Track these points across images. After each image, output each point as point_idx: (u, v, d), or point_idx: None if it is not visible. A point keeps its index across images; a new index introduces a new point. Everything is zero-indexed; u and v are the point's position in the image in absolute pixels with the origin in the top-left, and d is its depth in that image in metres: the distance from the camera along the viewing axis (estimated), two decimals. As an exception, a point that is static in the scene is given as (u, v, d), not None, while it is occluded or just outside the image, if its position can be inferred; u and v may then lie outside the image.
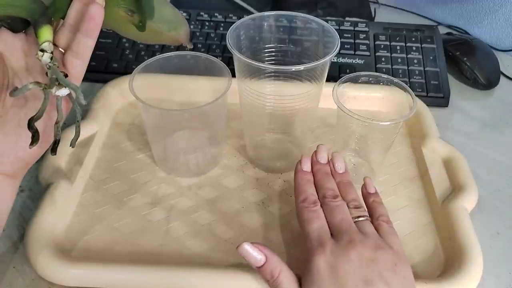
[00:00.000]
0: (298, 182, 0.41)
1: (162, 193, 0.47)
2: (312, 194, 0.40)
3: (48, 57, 0.33)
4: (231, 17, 0.70)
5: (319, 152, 0.43)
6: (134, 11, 0.37)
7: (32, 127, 0.33)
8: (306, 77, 0.44)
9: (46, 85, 0.33)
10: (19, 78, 0.35)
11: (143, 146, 0.52)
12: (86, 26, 0.35)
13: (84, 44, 0.35)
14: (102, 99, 0.55)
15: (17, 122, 0.34)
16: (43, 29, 0.34)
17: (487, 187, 0.50)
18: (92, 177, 0.49)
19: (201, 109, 0.43)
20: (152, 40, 0.42)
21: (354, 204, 0.39)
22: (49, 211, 0.42)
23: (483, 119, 0.60)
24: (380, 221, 0.38)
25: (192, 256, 0.42)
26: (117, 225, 0.44)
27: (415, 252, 0.43)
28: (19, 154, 0.35)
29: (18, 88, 0.33)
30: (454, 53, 0.66)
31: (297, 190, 0.41)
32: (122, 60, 0.63)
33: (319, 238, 0.36)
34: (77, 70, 0.36)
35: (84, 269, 0.38)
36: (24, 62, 0.36)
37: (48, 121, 0.35)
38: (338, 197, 0.39)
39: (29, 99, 0.35)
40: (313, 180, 0.42)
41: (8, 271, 0.40)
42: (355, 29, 0.69)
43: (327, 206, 0.38)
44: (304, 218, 0.38)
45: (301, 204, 0.39)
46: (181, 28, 0.41)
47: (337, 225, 0.37)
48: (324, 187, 0.40)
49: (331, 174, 0.42)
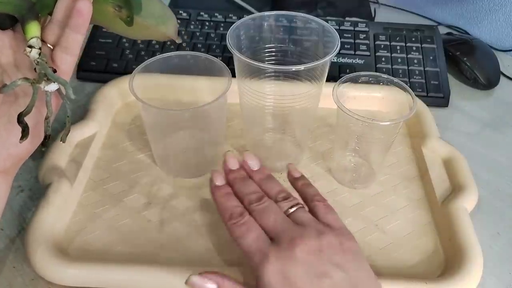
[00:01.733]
0: (217, 200, 0.38)
1: (161, 193, 0.47)
2: (235, 207, 0.37)
3: (36, 53, 0.33)
4: (231, 17, 0.70)
5: (227, 160, 0.41)
6: (121, 6, 0.37)
7: (21, 121, 0.33)
8: (306, 77, 0.44)
9: (35, 80, 0.33)
10: (8, 75, 0.35)
11: (143, 146, 0.52)
12: (75, 22, 0.35)
13: (73, 39, 0.35)
14: (102, 99, 0.55)
15: (7, 119, 0.34)
16: (30, 25, 0.34)
17: (487, 187, 0.50)
18: (91, 177, 0.49)
19: (201, 109, 0.43)
20: (140, 35, 0.41)
21: (282, 196, 0.38)
22: (49, 211, 0.42)
23: (483, 119, 0.60)
24: (315, 202, 0.37)
25: (192, 256, 0.42)
26: (117, 225, 0.44)
27: (415, 252, 0.43)
28: (11, 150, 0.34)
29: (7, 84, 0.33)
30: (454, 53, 0.66)
31: (219, 209, 0.38)
32: (122, 60, 0.63)
33: (259, 250, 0.34)
34: (66, 66, 0.36)
35: (84, 269, 0.38)
36: (13, 59, 0.36)
37: (39, 117, 0.35)
38: (263, 197, 0.37)
39: (19, 96, 0.35)
40: (231, 191, 0.39)
41: (7, 271, 0.40)
42: (355, 29, 0.69)
43: (255, 212, 0.36)
44: (237, 235, 0.35)
45: (229, 223, 0.36)
46: (170, 22, 0.41)
47: (272, 228, 0.35)
48: (245, 193, 0.38)
49: (248, 176, 0.40)
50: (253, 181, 0.40)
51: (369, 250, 0.43)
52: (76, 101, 0.57)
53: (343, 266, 0.33)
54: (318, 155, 0.52)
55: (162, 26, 0.41)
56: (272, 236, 0.35)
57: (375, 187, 0.49)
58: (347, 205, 0.47)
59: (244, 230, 0.35)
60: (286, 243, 0.33)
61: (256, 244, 0.34)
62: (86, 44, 0.64)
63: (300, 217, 0.36)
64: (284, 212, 0.36)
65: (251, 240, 0.34)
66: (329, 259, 0.33)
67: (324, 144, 0.54)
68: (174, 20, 0.42)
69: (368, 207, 0.47)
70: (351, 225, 0.45)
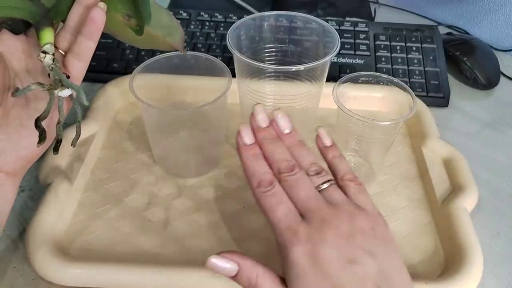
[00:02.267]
0: (244, 162, 0.35)
1: (162, 193, 0.47)
2: (265, 173, 0.34)
3: (50, 59, 0.34)
4: (231, 17, 0.70)
5: (256, 115, 0.36)
6: (131, 15, 0.38)
7: (39, 126, 0.34)
8: (306, 77, 0.44)
9: (51, 86, 0.34)
10: (19, 79, 0.36)
11: (143, 146, 0.52)
12: (88, 29, 0.35)
13: (85, 46, 0.36)
14: (102, 99, 0.55)
15: (19, 122, 0.35)
16: (45, 32, 0.35)
17: (487, 187, 0.50)
18: (92, 177, 0.49)
19: (201, 109, 0.43)
20: (148, 45, 0.42)
21: (314, 170, 0.35)
22: (49, 211, 0.42)
23: (483, 119, 0.60)
24: (346, 182, 0.35)
25: (192, 256, 0.42)
26: (117, 225, 0.44)
27: (415, 252, 0.43)
28: (21, 152, 0.35)
29: (20, 88, 0.33)
30: (454, 53, 0.66)
31: (247, 172, 0.34)
32: (122, 60, 0.63)
33: (289, 228, 0.32)
34: (78, 72, 0.37)
35: (84, 269, 0.38)
36: (25, 63, 0.36)
37: (50, 121, 0.36)
38: (294, 167, 0.34)
39: (31, 100, 0.35)
40: (260, 152, 0.35)
41: (8, 271, 0.40)
42: (355, 29, 0.69)
43: (285, 183, 0.34)
44: (266, 206, 0.33)
45: (257, 191, 0.33)
46: (176, 34, 0.42)
47: (303, 204, 0.33)
48: (276, 159, 0.34)
49: (278, 137, 0.36)
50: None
51: (369, 250, 0.43)
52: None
53: (374, 253, 0.31)
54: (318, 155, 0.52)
55: (169, 37, 0.41)
56: (302, 212, 0.33)
57: (375, 187, 0.49)
58: (347, 205, 0.47)
59: (273, 203, 0.33)
60: (317, 223, 0.31)
61: (286, 220, 0.32)
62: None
63: (333, 196, 0.34)
64: (315, 188, 0.34)
65: (281, 215, 0.32)
66: (361, 246, 0.31)
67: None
68: (181, 31, 0.42)
69: (368, 207, 0.47)
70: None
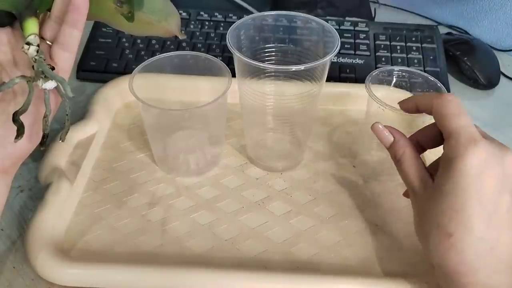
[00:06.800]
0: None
1: (162, 193, 0.47)
2: None
3: (34, 50, 0.33)
4: (231, 17, 0.70)
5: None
6: (123, 1, 0.36)
7: (16, 120, 0.32)
8: (306, 77, 0.44)
9: (32, 78, 0.33)
10: (6, 73, 0.35)
11: (143, 146, 0.52)
12: (71, 17, 0.34)
13: (70, 35, 0.35)
14: (102, 99, 0.55)
15: (5, 117, 0.33)
16: (28, 22, 0.34)
17: (487, 187, 0.50)
18: (92, 177, 0.49)
19: (201, 109, 0.43)
20: (143, 31, 0.41)
21: None
22: (49, 211, 0.42)
23: (483, 119, 0.60)
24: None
25: (192, 256, 0.42)
26: (117, 225, 0.44)
27: (415, 252, 0.43)
28: (9, 149, 0.34)
29: (5, 82, 0.32)
30: (454, 53, 0.66)
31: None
32: (122, 60, 0.63)
33: (469, 132, 0.33)
34: (65, 63, 0.36)
35: (84, 269, 0.38)
36: (11, 56, 0.35)
37: (38, 115, 0.35)
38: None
39: (18, 94, 0.34)
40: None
41: (7, 271, 0.40)
42: (355, 29, 0.69)
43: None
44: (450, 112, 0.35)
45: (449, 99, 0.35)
46: (172, 18, 0.41)
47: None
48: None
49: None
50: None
51: (369, 250, 0.43)
52: (76, 101, 0.57)
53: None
54: (318, 155, 0.52)
55: (165, 22, 0.40)
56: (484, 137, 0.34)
57: (375, 187, 0.49)
58: (348, 205, 0.47)
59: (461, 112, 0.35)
60: (498, 146, 0.33)
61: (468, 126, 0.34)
62: (86, 44, 0.64)
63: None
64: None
65: (464, 121, 0.34)
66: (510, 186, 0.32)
67: (324, 144, 0.53)
68: (177, 16, 0.41)
69: (369, 207, 0.47)
70: (351, 225, 0.45)
